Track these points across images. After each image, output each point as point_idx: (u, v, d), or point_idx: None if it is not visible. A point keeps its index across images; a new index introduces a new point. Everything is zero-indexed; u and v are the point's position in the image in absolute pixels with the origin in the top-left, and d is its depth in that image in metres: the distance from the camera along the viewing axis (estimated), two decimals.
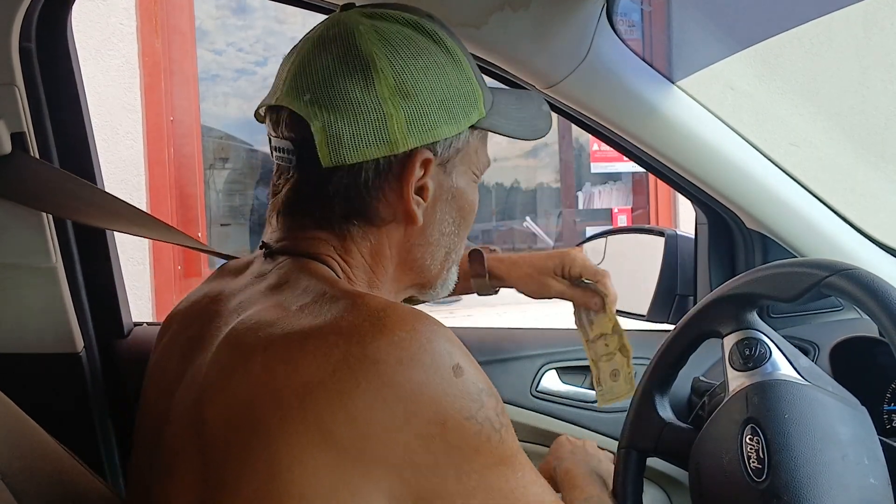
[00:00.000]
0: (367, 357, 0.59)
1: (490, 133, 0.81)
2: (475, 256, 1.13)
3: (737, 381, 0.87)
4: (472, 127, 0.76)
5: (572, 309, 1.12)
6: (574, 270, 1.09)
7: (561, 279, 1.09)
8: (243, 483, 0.60)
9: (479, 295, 1.16)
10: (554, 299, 1.12)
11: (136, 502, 0.76)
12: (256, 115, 0.80)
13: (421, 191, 0.74)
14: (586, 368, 1.32)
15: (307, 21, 1.32)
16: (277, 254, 0.75)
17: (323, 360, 0.60)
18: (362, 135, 0.70)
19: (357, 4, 0.78)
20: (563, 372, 1.30)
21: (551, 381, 1.24)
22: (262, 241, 0.78)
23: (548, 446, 1.04)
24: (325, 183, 0.72)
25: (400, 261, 0.78)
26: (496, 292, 1.17)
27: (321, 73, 0.71)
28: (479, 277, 1.13)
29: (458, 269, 0.86)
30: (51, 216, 1.09)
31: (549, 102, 1.18)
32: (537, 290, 1.11)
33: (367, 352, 0.60)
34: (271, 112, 0.76)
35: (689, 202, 1.34)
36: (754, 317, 0.91)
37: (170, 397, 0.73)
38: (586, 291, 1.08)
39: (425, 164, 0.73)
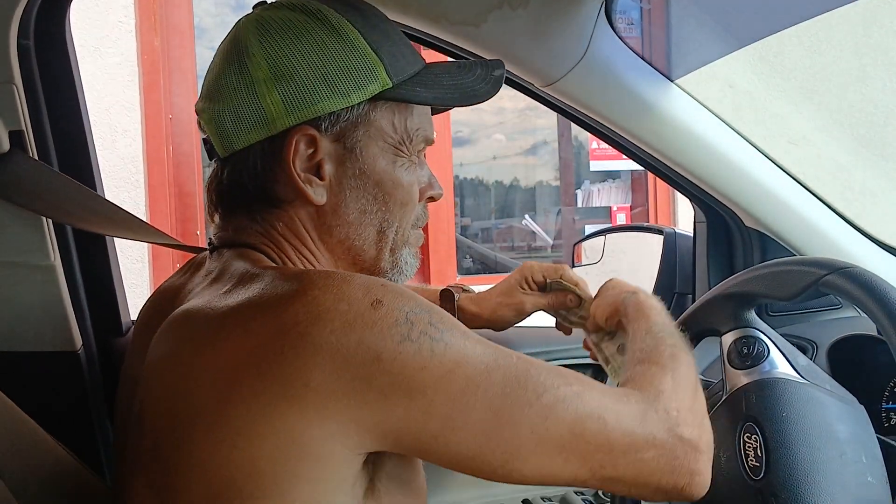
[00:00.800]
0: (285, 324, 0.60)
1: (419, 110, 0.78)
2: (446, 296, 1.13)
3: (735, 379, 0.87)
4: (376, 99, 0.74)
5: (555, 322, 1.09)
6: (536, 276, 1.08)
7: (529, 291, 1.08)
8: (194, 473, 0.61)
9: None
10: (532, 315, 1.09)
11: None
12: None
13: (319, 169, 0.74)
14: (586, 366, 1.32)
15: None
16: (220, 248, 0.77)
17: (245, 337, 0.61)
18: (242, 120, 0.72)
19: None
20: None
21: None
22: (209, 239, 0.80)
23: None
24: (225, 173, 0.75)
25: (326, 244, 0.77)
26: None
27: (212, 71, 0.75)
28: None
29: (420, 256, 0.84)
30: None
31: (547, 100, 1.19)
32: (514, 314, 1.09)
33: (285, 318, 0.60)
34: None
35: (687, 200, 1.34)
36: (752, 315, 0.91)
37: (133, 395, 0.73)
38: (557, 293, 1.06)
39: (312, 141, 0.72)
